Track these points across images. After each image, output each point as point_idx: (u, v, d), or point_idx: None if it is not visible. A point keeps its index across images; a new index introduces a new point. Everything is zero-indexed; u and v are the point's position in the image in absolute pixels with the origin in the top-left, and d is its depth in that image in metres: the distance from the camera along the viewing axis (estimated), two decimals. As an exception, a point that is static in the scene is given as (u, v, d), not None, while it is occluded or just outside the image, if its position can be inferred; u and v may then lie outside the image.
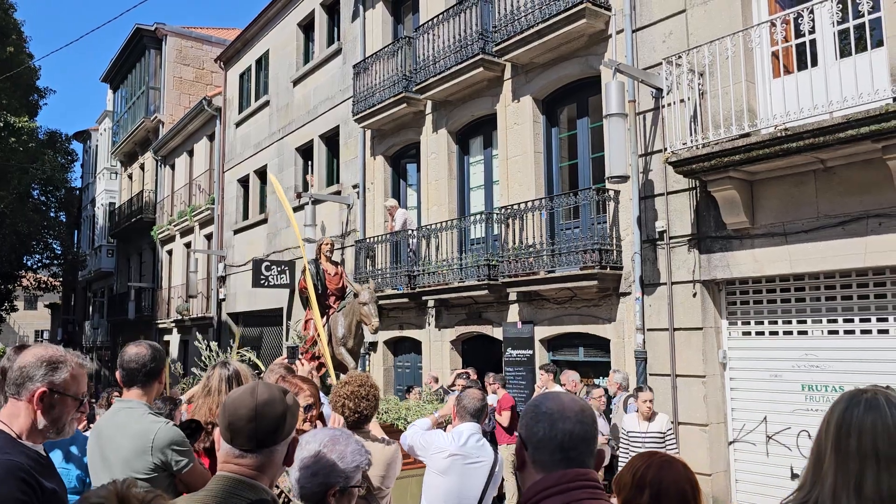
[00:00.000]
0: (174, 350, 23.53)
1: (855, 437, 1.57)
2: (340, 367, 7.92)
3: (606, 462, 7.05)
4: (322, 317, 7.91)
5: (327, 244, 8.80)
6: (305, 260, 8.36)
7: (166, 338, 24.30)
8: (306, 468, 2.12)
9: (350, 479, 2.16)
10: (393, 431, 6.26)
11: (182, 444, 2.77)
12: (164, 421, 2.84)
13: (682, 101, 7.68)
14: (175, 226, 23.62)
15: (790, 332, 7.53)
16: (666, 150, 7.86)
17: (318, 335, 7.71)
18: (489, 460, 3.99)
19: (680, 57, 7.74)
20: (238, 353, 10.23)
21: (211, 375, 3.26)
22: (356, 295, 7.82)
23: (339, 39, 15.49)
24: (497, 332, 10.58)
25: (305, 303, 8.74)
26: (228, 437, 1.81)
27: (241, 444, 1.79)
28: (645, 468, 1.85)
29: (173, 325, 23.51)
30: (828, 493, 1.56)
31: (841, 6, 6.40)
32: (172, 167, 25.35)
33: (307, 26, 17.08)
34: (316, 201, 14.15)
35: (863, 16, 6.21)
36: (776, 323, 7.65)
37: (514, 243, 9.83)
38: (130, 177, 30.13)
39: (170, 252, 24.93)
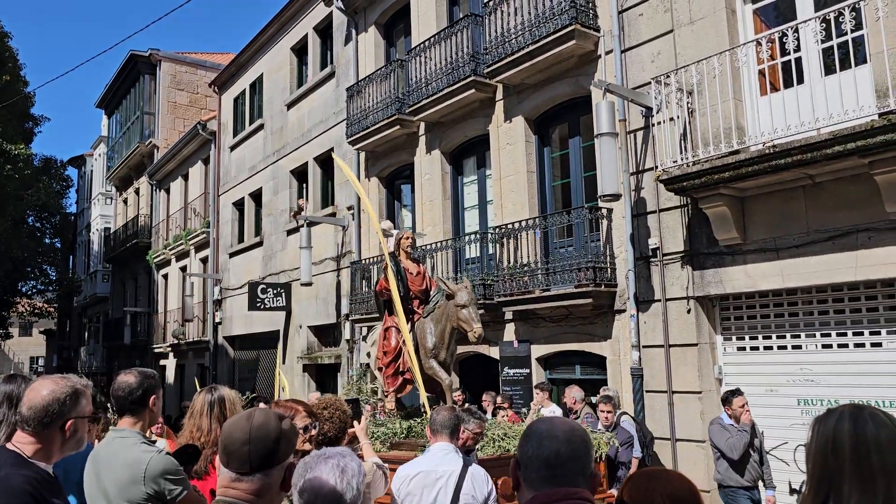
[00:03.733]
0: (170, 374, 23.43)
1: (876, 455, 1.58)
2: (431, 384, 6.89)
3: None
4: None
5: (408, 238, 7.49)
6: (387, 255, 7.08)
7: (162, 362, 24.20)
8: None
9: (359, 501, 2.17)
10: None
11: (175, 473, 2.77)
12: (157, 449, 2.85)
13: (671, 119, 7.77)
14: (170, 250, 23.63)
15: (784, 347, 7.56)
16: (657, 168, 7.94)
17: (405, 346, 6.74)
18: (454, 470, 3.86)
19: (669, 76, 7.85)
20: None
21: (196, 399, 3.30)
22: (450, 296, 6.66)
23: (332, 63, 15.63)
24: (494, 352, 10.59)
25: (383, 308, 7.52)
26: (225, 461, 1.85)
27: (237, 468, 1.82)
28: (654, 484, 1.83)
29: (169, 349, 23.43)
30: None
31: (825, 25, 6.51)
32: (167, 191, 25.40)
33: (300, 50, 17.23)
34: (311, 223, 14.21)
35: (846, 34, 6.32)
36: (770, 338, 7.69)
37: (509, 262, 9.88)
38: (125, 201, 30.16)
39: (165, 276, 24.91)
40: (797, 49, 6.79)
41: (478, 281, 10.34)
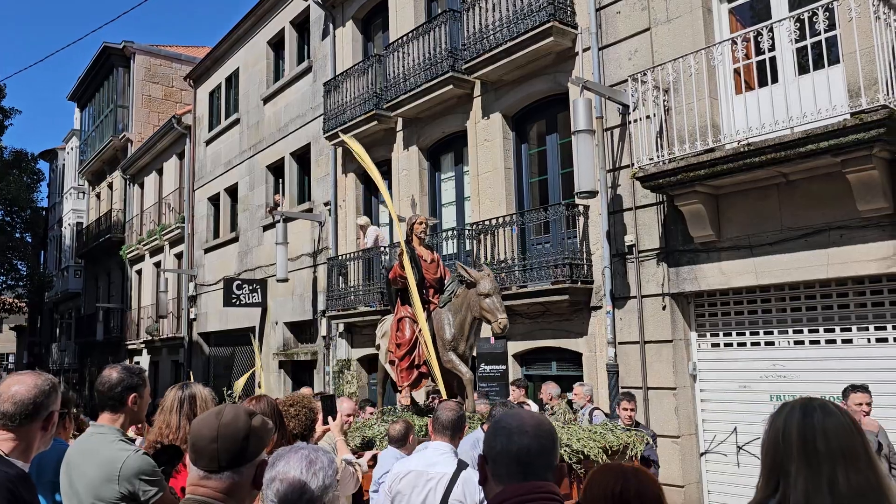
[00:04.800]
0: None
1: (822, 440, 1.65)
2: (449, 378, 6.45)
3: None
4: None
5: (421, 223, 6.99)
6: (402, 241, 6.63)
7: (136, 359, 23.91)
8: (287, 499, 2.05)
9: (329, 494, 2.16)
10: None
11: (151, 474, 2.69)
12: (134, 448, 2.78)
13: (648, 117, 7.81)
14: (144, 245, 23.34)
15: (758, 344, 7.65)
16: (633, 165, 7.98)
17: (421, 338, 6.34)
18: (446, 473, 3.71)
19: (645, 74, 7.88)
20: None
21: (167, 395, 3.25)
22: (470, 285, 6.25)
23: (309, 57, 15.51)
24: (470, 348, 10.58)
25: (395, 297, 7.02)
26: (194, 459, 1.81)
27: (205, 466, 1.79)
28: (624, 482, 1.84)
29: (143, 345, 23.15)
30: (801, 496, 1.63)
31: (798, 25, 6.58)
32: (141, 186, 25.08)
33: (277, 44, 17.08)
34: (287, 219, 14.10)
35: (820, 34, 6.39)
36: (744, 334, 7.77)
37: (486, 259, 9.88)
38: (98, 196, 29.72)
39: (139, 272, 24.60)
40: (772, 48, 6.85)
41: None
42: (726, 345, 7.93)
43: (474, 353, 6.95)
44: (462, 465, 3.77)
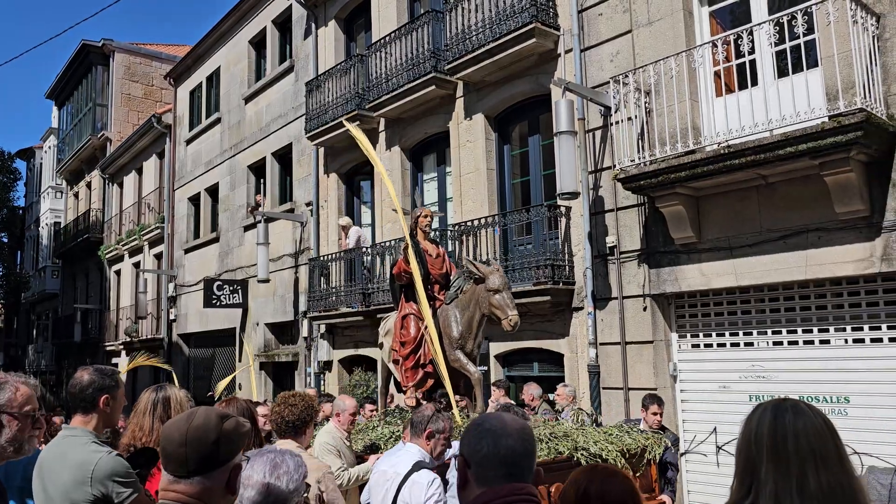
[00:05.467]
0: (123, 373, 22.87)
1: (792, 441, 1.64)
2: (455, 378, 6.15)
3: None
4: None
5: (426, 216, 6.70)
6: (406, 235, 6.29)
7: (114, 360, 23.62)
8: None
9: (297, 498, 2.15)
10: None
11: (125, 476, 2.66)
12: (107, 450, 2.74)
13: (629, 118, 7.84)
14: (123, 245, 23.09)
15: (737, 344, 7.70)
16: (615, 166, 8.01)
17: (428, 335, 6.06)
18: (402, 474, 3.77)
19: (627, 76, 7.92)
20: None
21: (141, 397, 3.22)
22: (478, 280, 5.99)
23: (291, 57, 15.43)
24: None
25: (398, 293, 6.73)
26: (164, 463, 1.78)
27: (174, 470, 1.76)
28: (588, 483, 1.88)
29: (122, 347, 22.89)
30: (769, 497, 1.63)
31: (778, 28, 6.63)
32: (121, 185, 24.81)
33: (259, 43, 16.97)
34: (268, 219, 14.02)
35: (799, 38, 6.45)
36: (724, 335, 7.82)
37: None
38: (76, 195, 29.36)
39: (118, 272, 24.33)
40: (751, 51, 6.90)
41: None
42: (706, 345, 7.98)
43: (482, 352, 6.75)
44: (416, 468, 3.79)
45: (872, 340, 6.72)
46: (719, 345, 7.85)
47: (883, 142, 6.25)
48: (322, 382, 13.07)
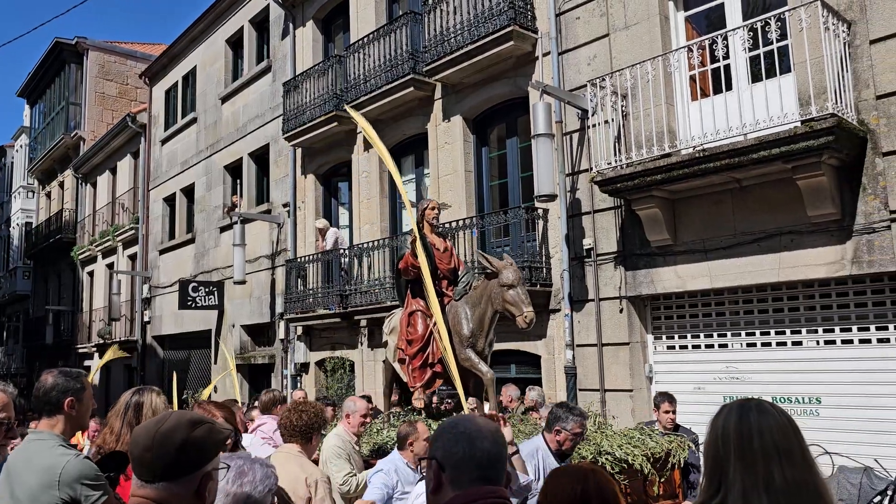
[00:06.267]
0: (95, 375, 22.55)
1: (757, 439, 1.68)
2: (465, 379, 5.77)
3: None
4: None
5: (433, 208, 6.33)
6: (414, 228, 5.92)
7: (87, 363, 23.28)
8: None
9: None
10: None
11: (94, 479, 2.62)
12: (75, 453, 2.71)
13: (606, 122, 7.90)
14: (97, 246, 22.77)
15: (712, 346, 7.78)
16: (592, 169, 8.06)
17: (438, 333, 5.70)
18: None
19: (604, 79, 7.97)
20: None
21: (119, 399, 3.18)
22: (490, 275, 5.70)
23: (268, 57, 15.33)
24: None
25: (404, 290, 6.43)
26: (133, 467, 1.76)
27: (141, 475, 1.73)
28: (584, 483, 1.87)
29: (95, 349, 22.56)
30: (738, 496, 1.65)
31: (752, 34, 6.72)
32: (94, 185, 24.46)
33: (236, 43, 16.84)
34: (245, 220, 13.91)
35: (772, 43, 6.54)
36: (699, 337, 7.90)
37: (446, 262, 9.86)
38: (49, 195, 28.91)
39: (91, 273, 23.98)
40: (726, 56, 6.99)
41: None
42: (682, 347, 8.05)
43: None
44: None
45: (843, 342, 6.83)
46: (694, 346, 7.93)
47: (853, 147, 6.36)
48: (299, 384, 12.99)
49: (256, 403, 7.78)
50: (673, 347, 8.12)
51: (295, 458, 3.68)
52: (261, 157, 15.41)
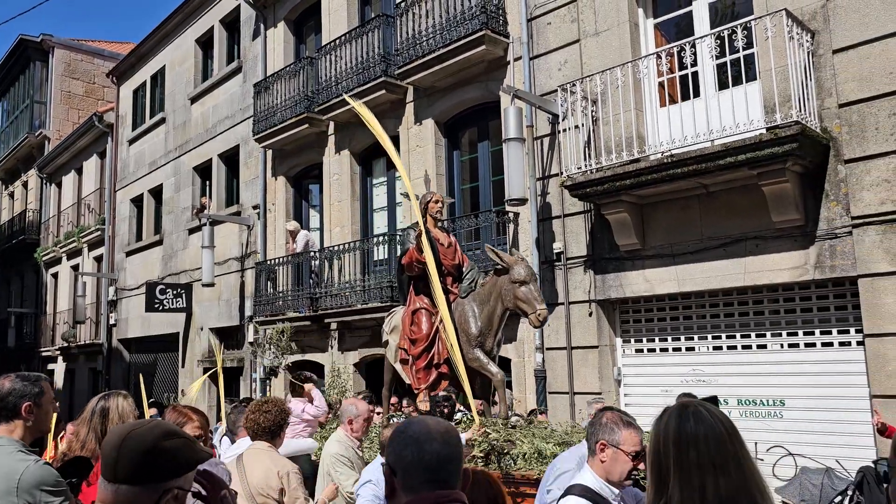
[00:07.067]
0: (59, 379, 22.10)
1: (693, 451, 1.67)
2: (472, 379, 5.47)
3: None
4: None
5: (437, 201, 6.16)
6: (420, 222, 5.68)
7: (51, 366, 22.82)
8: None
9: None
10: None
11: (54, 485, 2.56)
12: (34, 459, 2.64)
13: (576, 127, 7.96)
14: (61, 247, 22.32)
15: (679, 349, 7.87)
16: (562, 174, 8.11)
17: (444, 332, 5.40)
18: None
19: (574, 85, 8.03)
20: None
21: (88, 404, 3.13)
22: (500, 271, 5.47)
23: (239, 57, 15.19)
24: (400, 354, 10.52)
25: (407, 286, 6.15)
26: (101, 466, 1.72)
27: (104, 474, 1.68)
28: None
29: (58, 352, 22.12)
30: None
31: (719, 42, 6.83)
32: (59, 186, 24.00)
33: (206, 43, 16.66)
34: (214, 222, 13.74)
35: (738, 51, 6.64)
36: (666, 340, 7.99)
37: (417, 265, 9.85)
38: (12, 195, 28.29)
39: (55, 275, 23.51)
40: (694, 63, 7.09)
41: (385, 283, 10.27)
42: (650, 350, 8.13)
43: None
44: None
45: (806, 345, 6.96)
46: (662, 350, 8.02)
47: (817, 154, 6.49)
48: (268, 389, 12.85)
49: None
50: (641, 351, 8.20)
51: (266, 453, 3.86)
52: (231, 158, 15.25)
